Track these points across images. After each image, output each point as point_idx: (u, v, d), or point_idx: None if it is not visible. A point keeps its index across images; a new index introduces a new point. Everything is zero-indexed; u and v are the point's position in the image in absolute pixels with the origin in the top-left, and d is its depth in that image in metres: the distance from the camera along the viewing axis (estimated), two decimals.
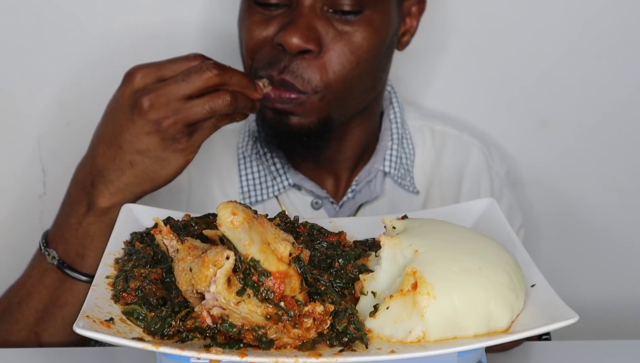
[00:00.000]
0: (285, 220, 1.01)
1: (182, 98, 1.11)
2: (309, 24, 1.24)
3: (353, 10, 1.25)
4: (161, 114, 1.11)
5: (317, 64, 1.25)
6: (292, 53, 1.24)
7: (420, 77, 1.67)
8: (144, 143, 1.13)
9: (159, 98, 1.11)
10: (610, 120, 1.70)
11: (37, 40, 1.59)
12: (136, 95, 1.13)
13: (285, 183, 1.40)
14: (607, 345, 1.16)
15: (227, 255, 0.81)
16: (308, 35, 1.24)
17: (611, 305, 1.79)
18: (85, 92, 1.63)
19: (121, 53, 1.62)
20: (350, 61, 1.27)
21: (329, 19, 1.26)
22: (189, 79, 1.12)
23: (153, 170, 1.15)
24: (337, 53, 1.26)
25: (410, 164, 1.46)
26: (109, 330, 0.81)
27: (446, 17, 1.64)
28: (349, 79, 1.28)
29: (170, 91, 1.11)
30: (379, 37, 1.29)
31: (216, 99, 1.12)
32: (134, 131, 1.13)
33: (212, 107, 1.12)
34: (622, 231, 1.75)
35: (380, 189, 1.42)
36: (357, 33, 1.26)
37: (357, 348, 0.81)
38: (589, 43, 1.65)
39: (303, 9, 1.24)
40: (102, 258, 0.94)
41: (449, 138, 1.52)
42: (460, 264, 0.85)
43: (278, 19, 1.27)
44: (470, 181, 1.50)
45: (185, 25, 1.62)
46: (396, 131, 1.44)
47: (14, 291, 1.26)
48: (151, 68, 1.14)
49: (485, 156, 1.53)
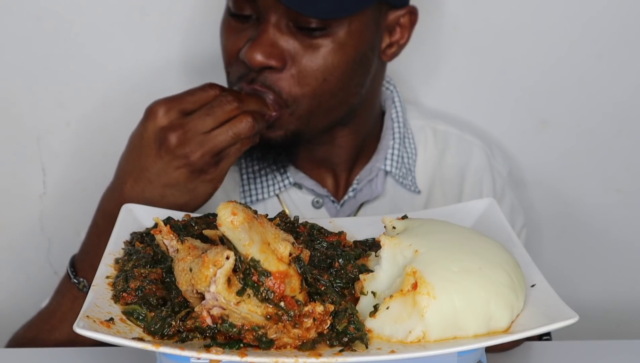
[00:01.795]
0: (285, 220, 1.01)
1: (207, 131, 1.15)
2: (271, 41, 1.24)
3: (317, 27, 1.25)
4: (189, 149, 1.15)
5: (284, 78, 1.26)
6: (255, 69, 1.25)
7: (420, 78, 1.67)
8: (173, 176, 1.16)
9: (186, 134, 1.15)
10: (610, 120, 1.70)
11: (37, 40, 1.59)
12: (162, 132, 1.16)
13: (286, 182, 1.40)
14: (607, 345, 1.16)
15: (227, 255, 0.81)
16: (270, 51, 1.24)
17: (611, 305, 1.78)
18: (85, 92, 1.63)
19: (121, 53, 1.62)
20: (316, 77, 1.27)
21: (294, 35, 1.25)
22: (212, 113, 1.16)
23: (183, 201, 1.18)
24: (302, 68, 1.26)
25: (412, 163, 1.46)
26: (109, 330, 0.81)
27: (446, 17, 1.64)
28: (318, 94, 1.28)
29: (196, 126, 1.15)
30: (345, 54, 1.27)
31: (238, 124, 1.16)
32: (162, 166, 1.16)
33: (235, 132, 1.16)
34: (622, 231, 1.75)
35: (381, 189, 1.42)
36: (321, 49, 1.26)
37: (357, 348, 0.81)
38: (589, 43, 1.65)
39: (267, 25, 1.25)
40: (102, 258, 0.94)
41: (451, 138, 1.52)
42: (460, 264, 0.85)
43: (248, 31, 1.28)
44: (472, 181, 1.50)
45: (185, 25, 1.62)
46: (398, 130, 1.44)
47: (44, 319, 1.29)
48: (172, 103, 1.17)
49: (488, 156, 1.53)
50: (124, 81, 1.63)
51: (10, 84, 1.62)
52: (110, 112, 1.64)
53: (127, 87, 1.63)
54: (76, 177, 1.66)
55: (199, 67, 1.65)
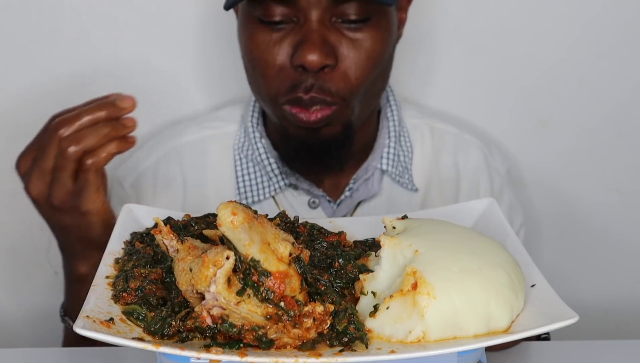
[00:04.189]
0: (285, 220, 1.01)
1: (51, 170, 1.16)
2: (323, 39, 1.23)
3: (360, 19, 1.25)
4: (37, 191, 1.17)
5: (338, 74, 1.25)
6: (314, 71, 1.23)
7: (420, 77, 1.67)
8: (58, 216, 1.18)
9: (33, 176, 1.17)
10: (610, 120, 1.70)
11: (37, 40, 1.59)
12: (24, 180, 1.19)
13: (282, 183, 1.40)
14: (607, 345, 1.16)
15: (227, 255, 0.81)
16: (326, 50, 1.23)
17: (611, 305, 1.78)
18: (85, 93, 1.63)
19: (122, 53, 1.62)
20: (368, 66, 1.27)
21: (339, 29, 1.25)
22: (43, 154, 1.16)
23: (81, 223, 1.19)
24: (354, 61, 1.25)
25: (408, 161, 1.46)
26: (109, 330, 0.81)
27: (446, 17, 1.64)
28: (368, 83, 1.29)
29: (40, 166, 1.16)
30: (388, 39, 1.29)
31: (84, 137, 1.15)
32: (42, 211, 1.20)
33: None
34: (622, 231, 1.75)
35: (378, 187, 1.42)
36: (368, 39, 1.26)
37: (357, 348, 0.81)
38: (589, 43, 1.65)
39: (313, 24, 1.23)
40: (102, 258, 0.94)
41: (449, 136, 1.52)
42: (460, 264, 0.85)
43: (288, 37, 1.25)
44: (469, 180, 1.50)
45: (186, 25, 1.63)
46: (393, 128, 1.44)
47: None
48: (27, 154, 1.19)
49: (485, 155, 1.53)
50: (125, 80, 1.63)
51: (10, 84, 1.62)
52: None
53: (128, 87, 1.63)
54: None
55: (200, 67, 1.65)
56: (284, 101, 1.27)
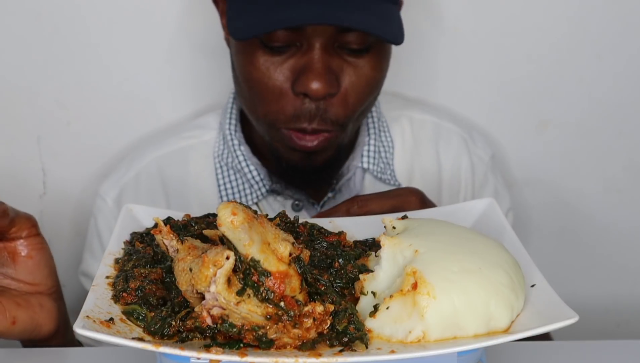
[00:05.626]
0: (285, 220, 1.01)
1: None
2: (327, 67, 1.22)
3: (363, 48, 1.24)
4: None
5: (338, 100, 1.25)
6: (317, 99, 1.23)
7: (420, 77, 1.67)
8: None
9: None
10: (610, 120, 1.70)
11: (37, 40, 1.59)
12: None
13: (263, 190, 1.40)
14: (607, 345, 1.16)
15: (227, 255, 0.81)
16: (330, 78, 1.22)
17: (611, 305, 1.79)
18: (85, 92, 1.63)
19: (122, 53, 1.62)
20: (366, 92, 1.27)
21: (340, 55, 1.24)
22: None
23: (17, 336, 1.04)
24: (354, 87, 1.25)
25: (389, 157, 1.45)
26: (109, 330, 0.81)
27: (446, 17, 1.64)
28: (364, 107, 1.29)
29: None
30: (386, 65, 1.30)
31: None
32: None
33: None
34: (622, 231, 1.76)
35: (360, 186, 1.42)
36: (368, 65, 1.26)
37: (357, 348, 0.81)
38: (589, 43, 1.65)
39: (316, 51, 1.22)
40: (102, 258, 0.94)
41: (428, 126, 1.52)
42: (460, 264, 0.85)
43: (289, 61, 1.24)
44: (450, 169, 1.50)
45: (186, 25, 1.63)
46: (372, 125, 1.44)
47: None
48: None
49: (466, 142, 1.52)
50: (125, 80, 1.63)
51: (10, 84, 1.62)
52: (110, 112, 1.64)
53: (128, 87, 1.64)
54: (76, 177, 1.66)
55: (200, 67, 1.65)
56: (284, 127, 1.27)
